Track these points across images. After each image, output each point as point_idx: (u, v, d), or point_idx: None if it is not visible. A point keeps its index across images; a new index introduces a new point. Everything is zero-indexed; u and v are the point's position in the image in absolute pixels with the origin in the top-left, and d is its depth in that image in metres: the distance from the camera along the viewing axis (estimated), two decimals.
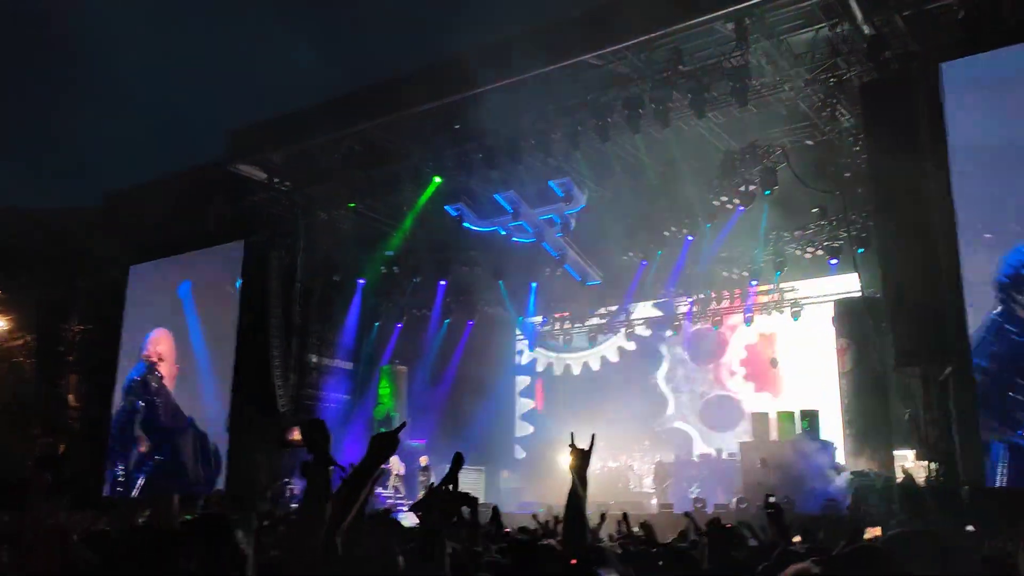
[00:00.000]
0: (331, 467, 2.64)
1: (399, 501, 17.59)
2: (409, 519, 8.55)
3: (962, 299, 13.08)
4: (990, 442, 11.57)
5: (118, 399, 22.75)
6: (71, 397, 23.16)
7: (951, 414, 12.86)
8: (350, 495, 2.59)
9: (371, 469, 2.63)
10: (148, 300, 23.12)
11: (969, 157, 13.54)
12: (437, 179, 17.94)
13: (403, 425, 2.88)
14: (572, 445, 3.26)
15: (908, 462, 14.13)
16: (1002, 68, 13.46)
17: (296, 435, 3.31)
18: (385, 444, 2.65)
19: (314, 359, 20.60)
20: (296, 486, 16.95)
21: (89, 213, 23.49)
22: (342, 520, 2.54)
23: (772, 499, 5.77)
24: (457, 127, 16.69)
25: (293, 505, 15.09)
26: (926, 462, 13.29)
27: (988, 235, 13.22)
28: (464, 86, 15.68)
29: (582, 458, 3.22)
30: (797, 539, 6.06)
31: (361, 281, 20.95)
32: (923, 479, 13.35)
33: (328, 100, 18.05)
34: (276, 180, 19.48)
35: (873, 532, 8.30)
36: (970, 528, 9.49)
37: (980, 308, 12.24)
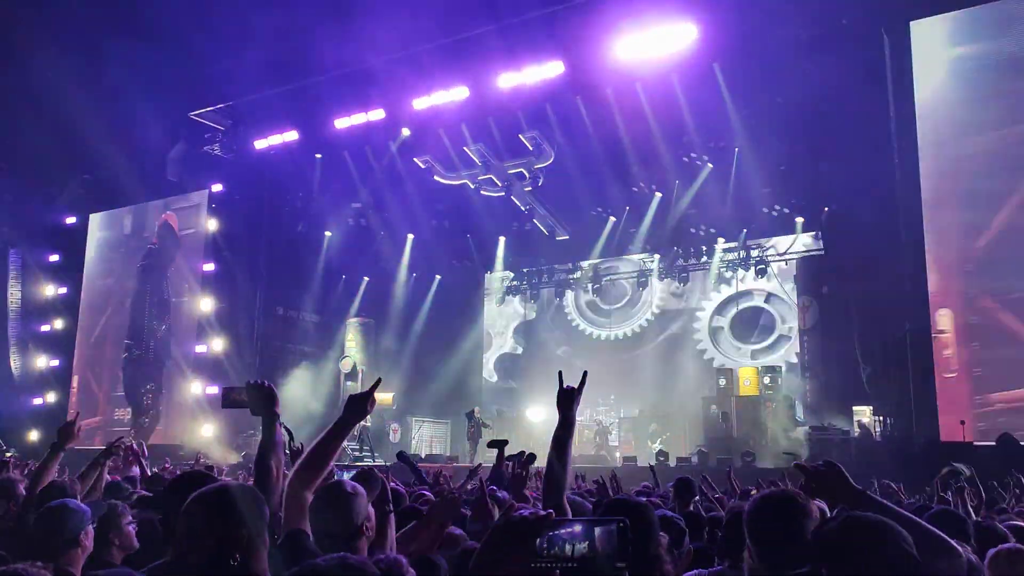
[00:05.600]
0: (278, 425, 2.66)
1: (365, 454, 17.67)
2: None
3: (923, 258, 13.33)
4: None
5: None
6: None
7: (909, 372, 13.17)
8: (326, 453, 2.60)
9: (346, 429, 2.67)
10: (109, 248, 22.73)
11: (936, 115, 13.68)
12: (406, 131, 17.70)
13: (378, 381, 2.85)
14: (561, 384, 2.87)
15: (865, 417, 14.45)
16: (971, 27, 13.55)
17: (236, 396, 3.29)
18: (360, 405, 2.67)
19: (280, 310, 20.46)
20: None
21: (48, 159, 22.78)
22: (314, 479, 2.56)
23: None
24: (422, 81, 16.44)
25: None
26: (882, 417, 13.62)
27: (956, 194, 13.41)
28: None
29: (570, 398, 2.86)
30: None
31: (328, 233, 20.74)
32: (879, 434, 13.69)
33: (290, 49, 17.58)
34: (241, 129, 19.07)
35: None
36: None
37: None
